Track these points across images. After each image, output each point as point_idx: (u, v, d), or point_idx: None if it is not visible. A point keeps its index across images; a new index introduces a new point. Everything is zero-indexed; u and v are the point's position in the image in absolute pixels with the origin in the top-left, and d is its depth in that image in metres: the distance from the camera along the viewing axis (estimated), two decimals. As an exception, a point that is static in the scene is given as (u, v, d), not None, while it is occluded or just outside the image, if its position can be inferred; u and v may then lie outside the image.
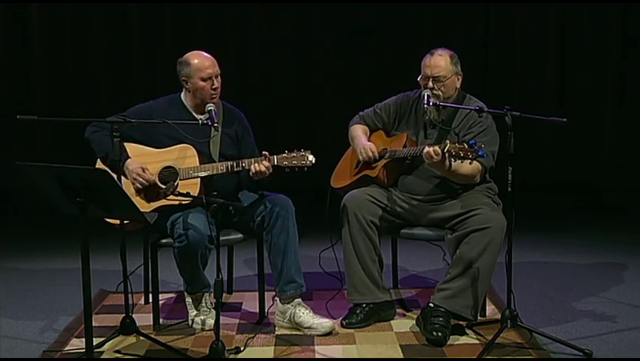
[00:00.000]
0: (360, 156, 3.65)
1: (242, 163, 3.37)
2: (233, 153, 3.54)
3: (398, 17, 6.79)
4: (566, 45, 6.98)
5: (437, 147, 3.24)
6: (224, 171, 3.39)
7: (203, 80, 3.45)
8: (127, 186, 3.36)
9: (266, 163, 3.33)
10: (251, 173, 3.36)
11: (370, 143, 3.65)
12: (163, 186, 3.35)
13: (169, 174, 3.41)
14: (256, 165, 3.33)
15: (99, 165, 3.45)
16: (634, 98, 6.92)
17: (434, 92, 3.50)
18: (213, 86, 3.46)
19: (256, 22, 6.86)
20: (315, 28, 6.91)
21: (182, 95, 3.59)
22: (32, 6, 6.62)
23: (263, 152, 3.39)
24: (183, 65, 3.49)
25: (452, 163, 3.28)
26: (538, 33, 6.94)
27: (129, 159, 3.40)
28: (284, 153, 3.35)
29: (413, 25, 6.81)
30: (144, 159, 3.43)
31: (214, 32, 6.79)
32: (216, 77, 3.48)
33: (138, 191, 3.41)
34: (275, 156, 3.35)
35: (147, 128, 3.45)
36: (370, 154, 3.60)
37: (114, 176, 2.88)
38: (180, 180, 3.38)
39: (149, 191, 3.41)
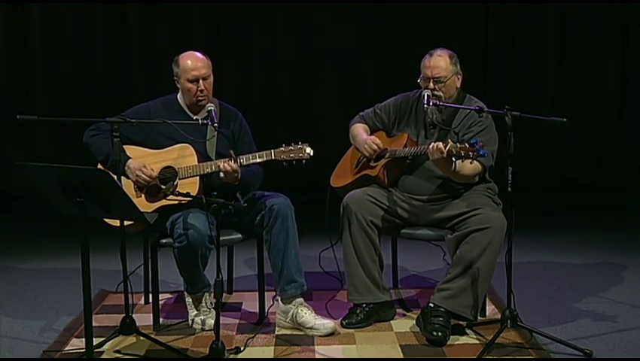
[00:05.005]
0: (365, 152, 3.63)
1: (239, 160, 3.35)
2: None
3: (398, 17, 6.79)
4: (566, 45, 6.98)
5: (440, 143, 3.24)
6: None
7: (190, 81, 3.45)
8: (128, 187, 3.37)
9: (233, 164, 3.30)
10: (220, 175, 3.33)
11: (372, 137, 3.63)
12: (163, 187, 3.35)
13: (169, 174, 3.41)
14: (225, 164, 3.29)
15: (100, 168, 3.45)
16: (634, 98, 6.92)
17: (435, 92, 3.49)
18: (199, 89, 3.45)
19: (256, 21, 6.87)
20: (315, 28, 6.91)
21: (178, 95, 3.59)
22: (32, 6, 6.63)
23: (230, 150, 3.36)
24: (175, 65, 3.50)
25: (455, 163, 3.28)
26: (538, 33, 6.95)
27: (130, 159, 3.41)
28: (282, 146, 3.32)
29: (413, 25, 6.82)
30: (143, 160, 3.42)
31: (214, 32, 6.79)
32: (204, 79, 3.45)
33: (140, 190, 3.41)
34: (272, 151, 3.32)
35: (145, 128, 3.45)
36: (375, 147, 3.57)
37: (114, 176, 2.88)
38: (179, 178, 3.38)
39: (151, 189, 3.40)
